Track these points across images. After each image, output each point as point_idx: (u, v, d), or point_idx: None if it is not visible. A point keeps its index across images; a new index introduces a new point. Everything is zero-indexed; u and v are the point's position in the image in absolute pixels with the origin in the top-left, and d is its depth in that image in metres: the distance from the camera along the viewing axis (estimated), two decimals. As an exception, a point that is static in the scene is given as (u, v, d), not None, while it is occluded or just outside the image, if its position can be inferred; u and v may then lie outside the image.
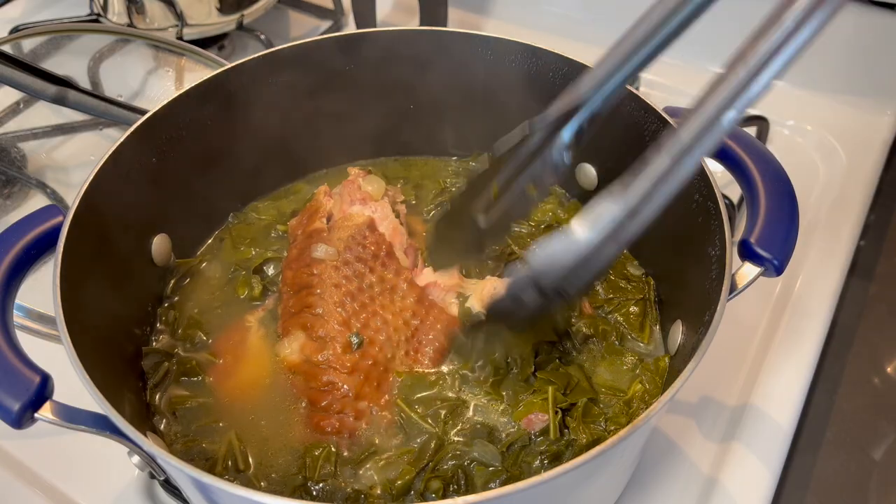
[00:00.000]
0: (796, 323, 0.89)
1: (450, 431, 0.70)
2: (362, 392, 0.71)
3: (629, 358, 0.75)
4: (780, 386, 0.83)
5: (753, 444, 0.79)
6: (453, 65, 0.87)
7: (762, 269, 0.65)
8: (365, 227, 0.80)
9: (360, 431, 0.70)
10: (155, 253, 0.80)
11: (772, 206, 0.66)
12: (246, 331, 0.79)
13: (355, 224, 0.80)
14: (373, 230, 0.80)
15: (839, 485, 0.81)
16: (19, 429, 0.56)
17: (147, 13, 1.23)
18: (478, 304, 0.78)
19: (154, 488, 0.78)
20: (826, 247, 0.97)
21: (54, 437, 0.80)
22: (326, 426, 0.70)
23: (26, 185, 1.05)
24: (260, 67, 0.83)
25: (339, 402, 0.71)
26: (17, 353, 0.57)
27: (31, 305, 0.83)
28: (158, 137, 0.77)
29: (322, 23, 1.38)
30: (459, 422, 0.70)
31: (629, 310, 0.79)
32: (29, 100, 1.14)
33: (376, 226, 0.81)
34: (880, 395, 0.89)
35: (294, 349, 0.74)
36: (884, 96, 1.16)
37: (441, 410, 0.71)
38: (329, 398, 0.71)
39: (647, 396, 0.72)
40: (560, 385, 0.71)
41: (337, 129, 0.92)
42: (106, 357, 0.66)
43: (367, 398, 0.71)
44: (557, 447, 0.68)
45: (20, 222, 0.66)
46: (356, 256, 0.78)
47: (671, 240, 0.76)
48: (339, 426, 0.70)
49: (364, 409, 0.71)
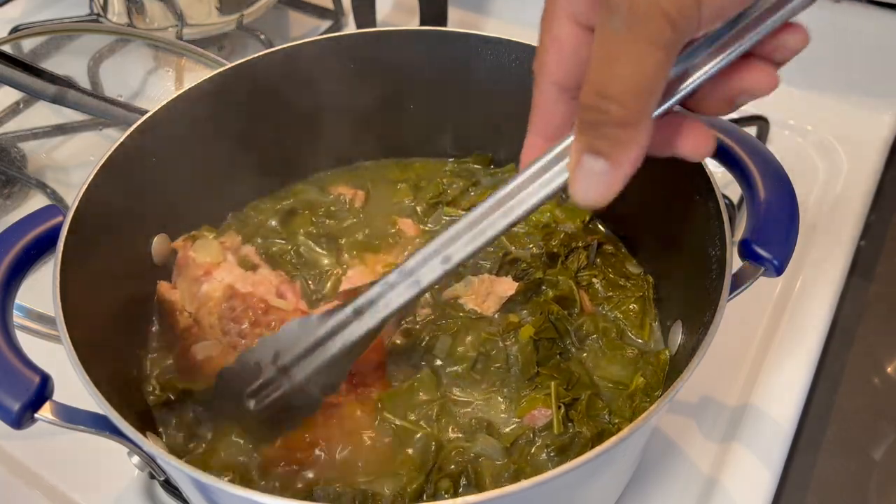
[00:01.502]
0: (796, 323, 0.89)
1: (446, 430, 0.69)
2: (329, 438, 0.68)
3: (630, 352, 0.76)
4: (780, 386, 0.83)
5: (754, 444, 0.79)
6: (453, 65, 0.87)
7: (762, 269, 0.65)
8: (225, 302, 0.74)
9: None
10: (155, 253, 0.80)
11: (772, 206, 0.66)
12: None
13: (215, 304, 0.74)
14: (235, 297, 0.74)
15: (839, 485, 0.81)
16: (19, 429, 0.56)
17: (147, 13, 1.23)
18: (471, 301, 0.78)
19: (154, 488, 0.78)
20: (826, 247, 0.97)
21: (54, 437, 0.80)
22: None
23: (26, 185, 1.05)
24: (259, 67, 0.83)
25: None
26: (17, 353, 0.57)
27: (31, 305, 0.83)
28: (158, 137, 0.77)
29: (322, 23, 1.38)
30: (453, 419, 0.70)
31: (629, 307, 0.79)
32: (29, 100, 1.13)
33: (238, 291, 0.74)
34: (880, 395, 0.89)
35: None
36: (884, 96, 1.16)
37: (430, 411, 0.70)
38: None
39: (649, 389, 0.72)
40: (562, 381, 0.71)
41: (336, 129, 0.92)
42: (106, 357, 0.66)
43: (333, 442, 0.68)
44: (563, 440, 0.68)
45: (20, 222, 0.66)
46: (238, 335, 0.72)
47: (671, 240, 0.76)
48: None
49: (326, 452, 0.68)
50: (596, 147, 0.46)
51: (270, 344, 0.65)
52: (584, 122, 0.46)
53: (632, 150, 0.45)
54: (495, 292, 0.78)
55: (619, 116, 0.44)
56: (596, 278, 0.82)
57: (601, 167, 0.46)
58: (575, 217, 0.88)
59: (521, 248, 0.85)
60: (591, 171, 0.47)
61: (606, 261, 0.84)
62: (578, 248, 0.83)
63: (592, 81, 0.44)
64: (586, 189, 0.48)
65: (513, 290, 0.78)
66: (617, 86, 0.43)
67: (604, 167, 0.46)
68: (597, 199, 0.48)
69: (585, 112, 0.45)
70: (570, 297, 0.78)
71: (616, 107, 0.43)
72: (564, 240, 0.84)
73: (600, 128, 0.45)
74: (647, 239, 0.84)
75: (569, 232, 0.86)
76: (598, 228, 0.88)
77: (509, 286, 0.78)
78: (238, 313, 0.73)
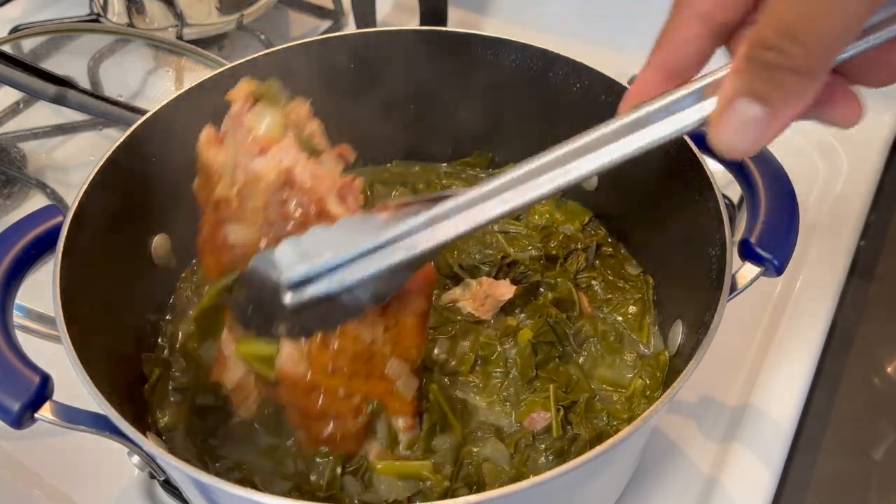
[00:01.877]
0: (796, 323, 0.89)
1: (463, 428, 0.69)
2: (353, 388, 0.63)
3: (629, 356, 0.76)
4: (780, 386, 0.83)
5: (754, 444, 0.79)
6: (453, 65, 0.87)
7: (762, 269, 0.65)
8: (279, 189, 0.62)
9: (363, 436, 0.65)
10: (155, 253, 0.80)
11: (772, 206, 0.66)
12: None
13: (266, 188, 0.62)
14: (291, 186, 0.62)
15: (839, 485, 0.81)
16: (19, 429, 0.56)
17: (147, 13, 1.23)
18: (469, 304, 0.78)
19: (154, 488, 0.78)
20: (826, 247, 0.97)
21: (54, 438, 0.80)
22: (325, 437, 0.65)
23: (26, 185, 1.05)
24: (259, 68, 0.83)
25: (332, 406, 0.63)
26: (17, 354, 0.57)
27: (31, 305, 0.83)
28: (158, 137, 0.77)
29: (322, 23, 1.38)
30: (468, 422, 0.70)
31: (627, 310, 0.79)
32: (29, 100, 1.14)
33: (294, 179, 0.62)
34: (880, 395, 0.89)
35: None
36: (884, 96, 1.15)
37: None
38: (319, 408, 0.63)
39: (648, 391, 0.72)
40: (561, 383, 0.72)
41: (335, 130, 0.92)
42: (106, 357, 0.66)
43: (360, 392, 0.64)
44: (561, 443, 0.68)
45: (20, 222, 0.66)
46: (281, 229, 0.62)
47: (671, 240, 0.76)
48: (339, 434, 0.64)
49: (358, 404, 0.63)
50: (760, 91, 0.41)
51: (323, 237, 0.58)
52: (753, 60, 0.40)
53: (798, 103, 0.41)
54: (494, 295, 0.78)
55: (801, 63, 0.39)
56: (595, 280, 0.82)
57: (757, 114, 0.41)
58: (574, 219, 0.88)
59: (520, 250, 0.85)
60: (744, 116, 0.42)
61: (605, 262, 0.84)
62: (577, 250, 0.83)
63: (779, 17, 0.38)
64: (733, 135, 0.43)
65: (511, 293, 0.78)
66: (810, 27, 0.38)
67: (761, 114, 0.41)
68: (743, 149, 0.43)
69: (759, 50, 0.40)
70: (569, 300, 0.78)
71: (802, 51, 0.38)
72: (563, 242, 0.84)
73: (773, 71, 0.40)
74: (646, 239, 0.84)
75: (568, 234, 0.86)
76: (598, 230, 0.88)
77: (508, 289, 0.78)
78: (289, 209, 0.62)
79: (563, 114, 0.84)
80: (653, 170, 0.74)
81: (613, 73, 0.79)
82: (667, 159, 0.73)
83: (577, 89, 0.82)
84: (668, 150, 0.73)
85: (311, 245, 0.58)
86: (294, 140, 0.63)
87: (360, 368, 0.62)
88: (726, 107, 0.42)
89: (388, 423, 0.65)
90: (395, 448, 0.66)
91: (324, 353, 0.61)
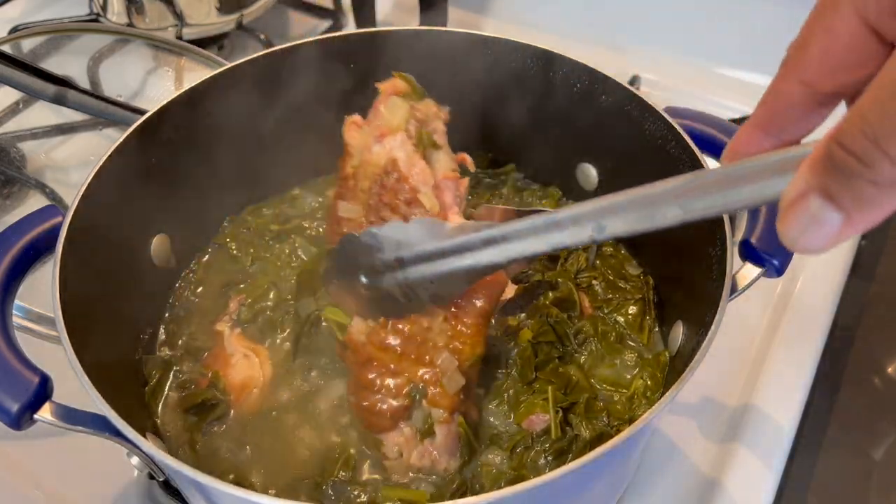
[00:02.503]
0: (797, 323, 0.89)
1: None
2: (401, 367, 0.66)
3: (629, 356, 0.75)
4: (780, 386, 0.83)
5: (754, 444, 0.79)
6: (453, 65, 0.87)
7: (763, 269, 0.65)
8: (384, 173, 0.69)
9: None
10: (154, 253, 0.80)
11: (772, 206, 0.66)
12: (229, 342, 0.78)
13: (375, 171, 0.69)
14: (393, 174, 0.69)
15: (839, 485, 0.81)
16: (18, 430, 0.56)
17: (146, 13, 1.22)
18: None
19: (154, 489, 0.78)
20: (826, 247, 0.97)
21: (54, 438, 0.80)
22: (367, 406, 0.67)
23: (25, 185, 1.05)
24: (259, 67, 0.83)
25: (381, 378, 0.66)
26: (17, 354, 0.57)
27: (31, 305, 0.83)
28: (158, 137, 0.77)
29: (322, 22, 1.38)
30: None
31: (628, 310, 0.79)
32: (28, 100, 1.14)
33: (399, 167, 0.68)
34: (880, 395, 0.89)
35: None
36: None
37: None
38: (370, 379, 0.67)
39: (648, 392, 0.72)
40: (560, 385, 0.71)
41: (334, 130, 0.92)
42: (105, 358, 0.66)
43: (407, 372, 0.66)
44: (561, 444, 0.68)
45: (19, 222, 0.66)
46: (378, 211, 0.69)
47: (671, 240, 0.76)
48: (380, 406, 0.66)
49: (403, 385, 0.66)
50: (834, 195, 0.35)
51: (396, 232, 0.62)
52: (831, 161, 0.34)
53: (876, 216, 0.35)
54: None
55: (886, 175, 0.33)
56: (596, 280, 0.82)
57: (828, 217, 0.35)
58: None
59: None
60: (813, 215, 0.36)
61: (606, 262, 0.84)
62: (578, 250, 0.83)
63: (867, 119, 0.32)
64: (798, 232, 0.37)
65: (511, 292, 0.78)
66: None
67: (832, 219, 0.35)
68: (811, 249, 0.37)
69: (836, 149, 0.34)
70: (570, 299, 0.78)
71: (885, 162, 0.32)
72: (564, 241, 0.84)
73: (852, 179, 0.34)
74: (647, 239, 0.83)
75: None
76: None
77: (508, 289, 0.78)
78: (387, 192, 0.68)
79: (563, 114, 0.84)
80: (653, 170, 0.74)
81: (613, 73, 0.79)
82: (667, 159, 0.73)
83: (577, 89, 0.81)
84: (669, 150, 0.73)
85: (385, 237, 0.63)
86: (409, 133, 0.69)
87: (411, 349, 0.65)
88: (797, 200, 0.36)
89: (428, 412, 0.66)
90: (424, 439, 0.66)
91: (383, 327, 0.66)
